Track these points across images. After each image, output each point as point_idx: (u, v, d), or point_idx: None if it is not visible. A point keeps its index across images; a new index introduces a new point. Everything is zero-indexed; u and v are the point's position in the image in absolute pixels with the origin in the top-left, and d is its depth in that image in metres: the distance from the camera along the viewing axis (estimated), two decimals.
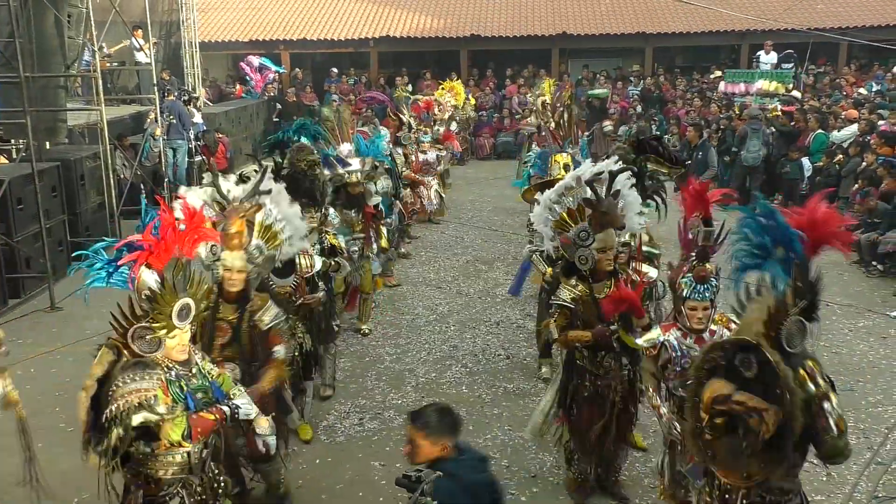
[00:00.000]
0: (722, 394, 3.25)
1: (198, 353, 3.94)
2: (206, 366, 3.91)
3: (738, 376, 3.26)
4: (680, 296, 4.46)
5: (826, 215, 3.34)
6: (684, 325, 4.48)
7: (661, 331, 4.56)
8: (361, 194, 8.10)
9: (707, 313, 4.41)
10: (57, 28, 11.11)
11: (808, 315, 3.28)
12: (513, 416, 6.60)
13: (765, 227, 3.35)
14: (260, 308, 4.89)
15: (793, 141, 13.84)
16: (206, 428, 3.69)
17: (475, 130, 19.54)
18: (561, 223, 5.32)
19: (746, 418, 3.20)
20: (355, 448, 6.15)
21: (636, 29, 20.97)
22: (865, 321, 8.60)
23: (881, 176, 10.92)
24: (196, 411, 3.67)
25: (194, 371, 3.78)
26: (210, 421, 3.70)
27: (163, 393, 3.55)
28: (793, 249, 3.28)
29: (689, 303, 4.41)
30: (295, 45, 21.64)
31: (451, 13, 22.29)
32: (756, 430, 3.17)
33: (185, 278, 3.70)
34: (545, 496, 5.49)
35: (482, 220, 13.34)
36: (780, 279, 3.28)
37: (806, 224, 3.31)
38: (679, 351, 4.46)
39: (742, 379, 3.25)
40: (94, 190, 11.19)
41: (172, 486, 3.72)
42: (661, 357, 4.52)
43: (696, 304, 4.40)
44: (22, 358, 7.76)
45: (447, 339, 8.24)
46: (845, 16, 20.35)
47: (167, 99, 14.11)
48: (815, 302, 3.31)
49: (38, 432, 6.25)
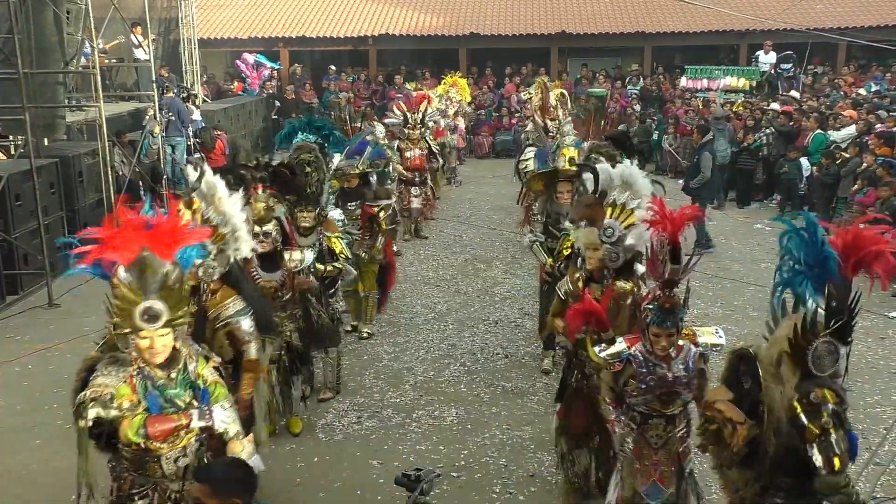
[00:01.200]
0: (709, 400, 3.26)
1: (196, 358, 3.76)
2: (204, 371, 3.75)
3: (738, 385, 3.25)
4: (643, 321, 4.21)
5: (872, 239, 3.21)
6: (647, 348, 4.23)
7: (627, 344, 4.28)
8: (360, 189, 8.05)
9: (672, 340, 4.14)
10: (56, 24, 11.10)
11: (841, 337, 3.14)
12: (511, 415, 6.60)
13: (804, 242, 3.24)
14: (220, 302, 4.73)
15: (791, 141, 13.85)
16: (165, 430, 3.52)
17: (474, 129, 19.54)
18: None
19: (723, 429, 3.18)
20: (353, 446, 6.14)
21: (635, 28, 20.96)
22: (863, 322, 8.58)
23: (881, 176, 10.93)
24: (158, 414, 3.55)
25: (174, 376, 3.61)
26: (170, 423, 3.53)
27: (130, 391, 3.50)
28: (826, 269, 3.17)
29: (653, 329, 4.13)
30: (294, 42, 21.61)
31: (450, 11, 22.27)
32: (728, 442, 3.16)
33: (160, 280, 3.47)
34: (543, 495, 5.49)
35: (481, 219, 13.33)
36: (813, 297, 3.18)
37: (850, 244, 3.21)
38: (645, 367, 4.20)
39: (741, 388, 3.22)
40: (92, 187, 11.18)
41: (144, 488, 3.66)
42: (625, 373, 4.26)
43: (660, 332, 4.12)
44: (20, 354, 7.77)
45: (446, 338, 8.24)
46: (844, 16, 20.35)
47: (166, 96, 14.09)
48: (849, 324, 3.16)
49: (35, 429, 6.29)
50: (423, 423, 6.48)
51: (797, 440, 3.13)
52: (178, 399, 3.62)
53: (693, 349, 4.27)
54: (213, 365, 3.87)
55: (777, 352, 3.19)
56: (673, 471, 4.36)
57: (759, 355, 3.32)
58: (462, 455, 6.00)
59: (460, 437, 6.28)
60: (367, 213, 7.99)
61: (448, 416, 6.60)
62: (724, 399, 3.25)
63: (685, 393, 4.26)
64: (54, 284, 9.28)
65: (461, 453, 6.02)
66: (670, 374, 4.18)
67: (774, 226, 12.80)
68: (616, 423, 4.36)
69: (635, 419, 4.34)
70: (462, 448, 6.10)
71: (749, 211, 13.85)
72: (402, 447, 6.13)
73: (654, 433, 4.32)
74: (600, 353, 4.36)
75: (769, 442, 3.09)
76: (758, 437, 3.15)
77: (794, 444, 3.14)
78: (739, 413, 3.16)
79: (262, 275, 5.73)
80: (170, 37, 17.86)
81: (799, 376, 3.13)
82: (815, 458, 3.07)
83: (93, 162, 11.19)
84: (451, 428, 6.42)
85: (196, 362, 3.76)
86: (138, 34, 14.51)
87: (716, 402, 3.24)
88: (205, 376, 3.75)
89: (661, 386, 4.19)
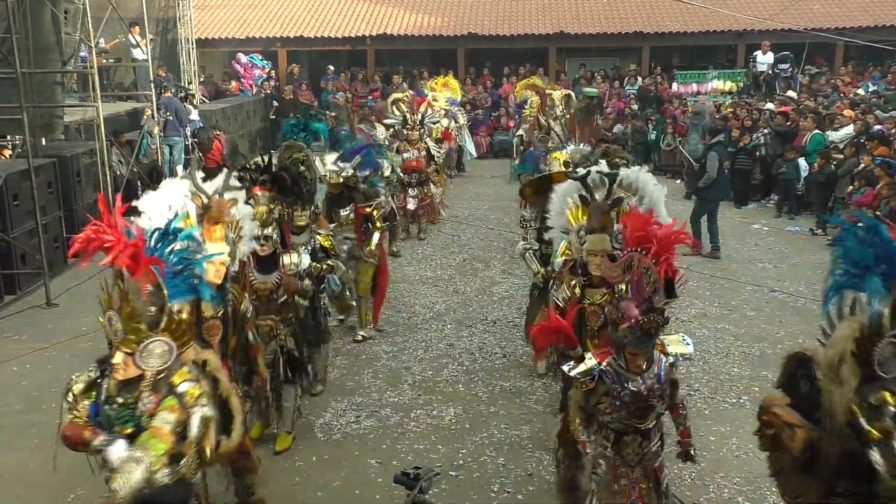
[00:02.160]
0: (765, 404, 3.16)
1: (165, 388, 3.51)
2: (169, 401, 3.48)
3: (796, 389, 3.16)
4: (621, 341, 4.07)
5: None
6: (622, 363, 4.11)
7: (597, 359, 4.14)
8: (348, 193, 8.01)
9: (646, 357, 4.09)
10: (53, 24, 11.07)
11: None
12: (509, 415, 6.60)
13: (866, 241, 3.16)
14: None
15: (789, 141, 13.87)
16: (72, 439, 3.43)
17: (472, 129, 19.52)
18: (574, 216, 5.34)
19: (780, 433, 3.11)
20: (352, 446, 6.14)
21: (633, 28, 20.97)
22: None
23: (879, 176, 10.95)
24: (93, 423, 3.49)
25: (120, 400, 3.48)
26: (79, 434, 3.42)
27: (88, 391, 3.55)
28: (894, 266, 3.08)
29: (630, 349, 4.04)
30: (292, 42, 21.59)
31: (448, 11, 22.27)
32: (787, 446, 3.09)
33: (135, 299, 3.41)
34: (541, 494, 5.49)
35: (479, 219, 13.33)
36: (880, 297, 3.08)
37: None
38: (618, 382, 4.07)
39: (799, 393, 3.14)
40: (90, 186, 11.16)
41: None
42: (598, 391, 4.11)
43: (638, 352, 4.04)
44: (18, 354, 7.76)
45: (444, 338, 8.24)
46: (842, 16, 20.37)
47: (164, 96, 14.10)
48: None
49: (33, 429, 6.28)
50: (421, 423, 6.49)
51: (857, 443, 3.04)
52: (123, 421, 3.48)
53: (664, 359, 4.21)
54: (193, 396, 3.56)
55: (837, 353, 3.08)
56: (651, 487, 4.28)
57: (817, 358, 3.23)
58: (460, 454, 6.00)
59: (459, 436, 6.29)
60: (360, 213, 8.00)
61: (446, 415, 6.60)
62: (780, 403, 3.16)
63: (659, 405, 4.19)
64: (52, 284, 9.27)
65: (459, 452, 6.03)
66: (643, 387, 4.09)
67: (772, 225, 12.85)
68: (588, 444, 4.18)
69: (609, 437, 4.22)
70: (460, 447, 6.10)
71: (746, 211, 13.86)
72: (401, 446, 6.13)
73: (629, 450, 4.23)
74: (570, 371, 4.20)
75: (830, 445, 3.02)
76: (818, 442, 3.08)
77: (854, 447, 3.05)
78: (797, 416, 3.08)
79: (258, 276, 5.73)
80: (167, 36, 17.83)
81: (860, 378, 3.04)
82: (877, 462, 2.99)
83: (91, 162, 11.19)
84: (449, 427, 6.42)
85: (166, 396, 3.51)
86: (136, 34, 14.50)
87: (773, 406, 3.15)
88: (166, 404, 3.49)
89: (635, 400, 4.09)
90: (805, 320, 8.68)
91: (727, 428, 6.34)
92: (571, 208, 5.38)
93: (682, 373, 7.27)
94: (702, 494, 5.45)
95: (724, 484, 5.58)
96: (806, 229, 12.48)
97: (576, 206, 5.33)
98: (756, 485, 5.52)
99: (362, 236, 8.00)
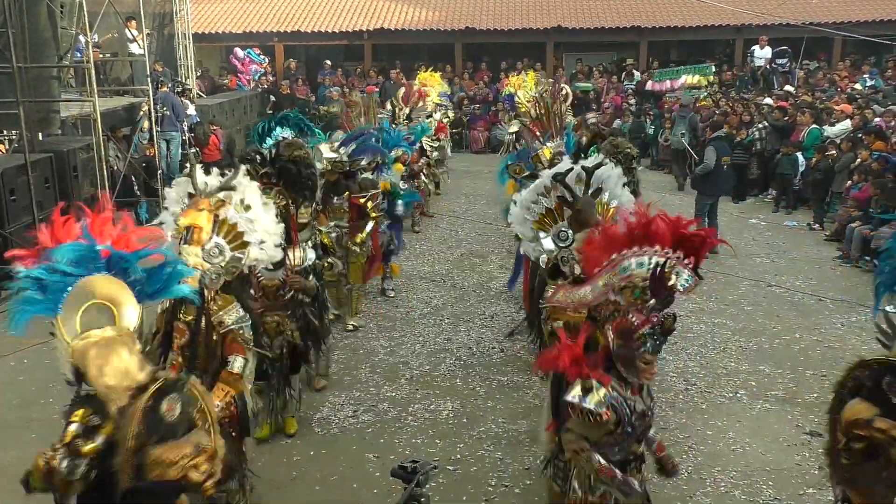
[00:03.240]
0: (863, 418, 3.00)
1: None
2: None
3: (884, 400, 2.99)
4: (638, 349, 3.66)
5: None
6: (629, 377, 3.71)
7: (606, 386, 3.68)
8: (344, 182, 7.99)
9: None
10: (50, 18, 11.04)
11: None
12: (507, 409, 6.61)
13: None
14: (221, 308, 4.56)
15: (786, 136, 13.88)
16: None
17: (469, 124, 19.51)
18: (541, 223, 5.31)
19: (888, 447, 2.96)
20: (349, 440, 6.15)
21: (631, 23, 20.94)
22: (858, 316, 8.62)
23: (876, 170, 10.96)
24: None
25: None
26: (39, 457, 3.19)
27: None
28: None
29: (647, 356, 3.66)
30: (288, 37, 21.54)
31: (445, 6, 22.23)
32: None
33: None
34: (539, 488, 5.49)
35: (476, 214, 13.34)
36: None
37: None
38: (627, 408, 3.68)
39: (888, 403, 2.99)
40: (87, 181, 11.13)
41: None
42: (608, 421, 3.63)
43: (653, 359, 3.69)
44: (15, 349, 7.74)
45: (441, 332, 8.24)
46: (840, 10, 20.37)
47: (161, 90, 14.06)
48: None
49: (32, 424, 6.28)
50: (419, 417, 6.50)
51: None
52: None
53: None
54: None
55: None
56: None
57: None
58: (458, 448, 6.01)
59: (456, 430, 6.29)
60: (354, 203, 8.02)
61: (444, 409, 6.61)
62: (874, 415, 2.98)
63: (650, 424, 3.96)
64: None
65: (457, 447, 6.04)
66: (643, 406, 3.81)
67: (769, 220, 12.87)
68: (612, 470, 3.70)
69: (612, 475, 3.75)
70: (458, 441, 6.11)
71: (744, 206, 13.87)
72: (398, 441, 6.14)
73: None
74: (580, 402, 3.63)
75: None
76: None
77: None
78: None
79: (265, 273, 5.72)
80: (164, 31, 17.76)
81: None
82: None
83: (87, 157, 11.15)
84: (446, 421, 6.43)
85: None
86: (132, 28, 14.45)
87: (872, 419, 2.97)
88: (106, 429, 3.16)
89: (641, 423, 3.80)
90: (802, 315, 8.71)
91: (724, 422, 6.36)
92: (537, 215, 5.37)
93: (680, 367, 7.32)
94: (698, 488, 5.47)
95: (721, 478, 5.59)
96: (803, 224, 12.50)
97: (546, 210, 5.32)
98: (752, 479, 5.55)
99: (356, 225, 8.02)
